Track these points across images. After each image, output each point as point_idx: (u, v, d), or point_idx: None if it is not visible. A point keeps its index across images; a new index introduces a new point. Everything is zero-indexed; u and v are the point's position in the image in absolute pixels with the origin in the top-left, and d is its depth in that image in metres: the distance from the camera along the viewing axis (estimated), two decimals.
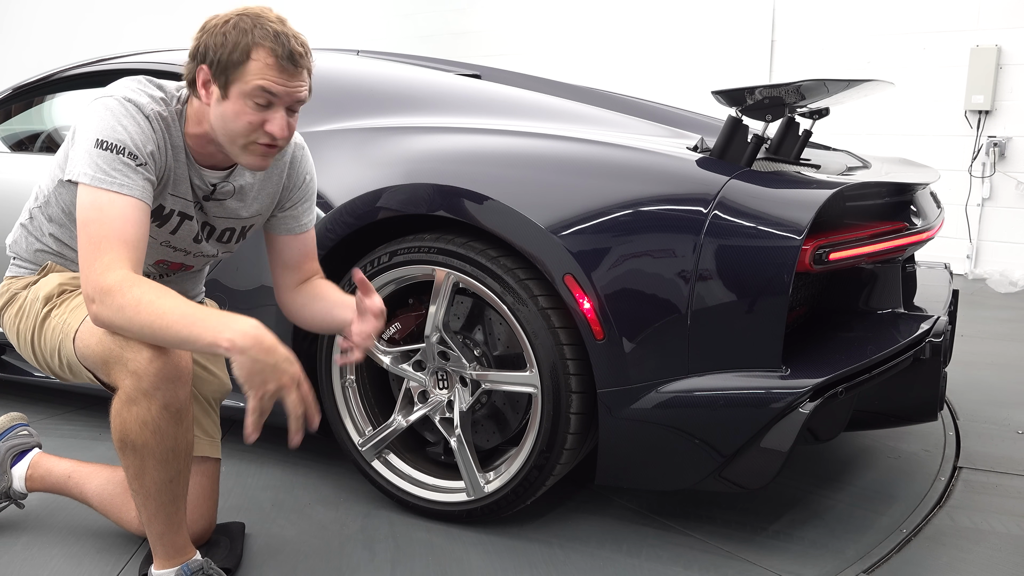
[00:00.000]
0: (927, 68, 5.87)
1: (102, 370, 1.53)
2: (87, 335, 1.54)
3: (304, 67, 1.53)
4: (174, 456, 1.54)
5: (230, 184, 1.70)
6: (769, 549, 1.95)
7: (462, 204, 1.89)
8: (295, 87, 1.52)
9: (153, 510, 1.58)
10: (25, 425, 2.06)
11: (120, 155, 1.49)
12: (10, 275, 1.81)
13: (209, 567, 1.67)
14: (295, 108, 1.56)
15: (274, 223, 1.81)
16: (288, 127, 1.55)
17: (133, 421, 1.48)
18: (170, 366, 1.47)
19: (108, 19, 8.38)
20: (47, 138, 3.47)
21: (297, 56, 1.50)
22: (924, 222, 2.18)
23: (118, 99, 1.53)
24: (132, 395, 1.47)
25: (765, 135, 1.95)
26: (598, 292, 1.77)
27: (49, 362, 1.68)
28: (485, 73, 3.14)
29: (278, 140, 1.54)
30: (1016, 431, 2.71)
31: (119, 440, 1.51)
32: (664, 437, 1.80)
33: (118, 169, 1.48)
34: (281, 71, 1.49)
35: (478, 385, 1.99)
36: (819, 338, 2.02)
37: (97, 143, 1.49)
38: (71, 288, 1.69)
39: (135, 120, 1.52)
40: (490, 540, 1.98)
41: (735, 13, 6.62)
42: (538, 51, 7.61)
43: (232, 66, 1.49)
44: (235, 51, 1.48)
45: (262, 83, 1.48)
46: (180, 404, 1.51)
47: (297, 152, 1.80)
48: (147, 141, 1.53)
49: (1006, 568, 1.88)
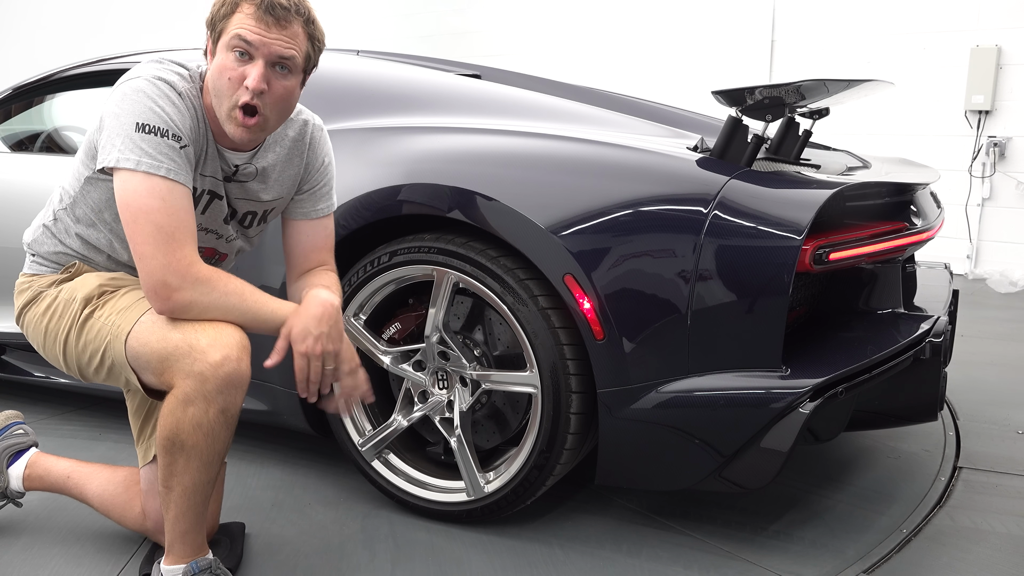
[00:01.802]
0: (927, 68, 5.87)
1: (156, 371, 1.52)
2: (146, 334, 1.53)
3: (288, 21, 1.49)
4: (217, 459, 1.55)
5: (252, 166, 1.67)
6: (769, 549, 1.95)
7: (462, 204, 1.89)
8: (274, 39, 1.48)
9: (184, 508, 1.57)
10: (21, 423, 2.05)
11: (164, 138, 1.47)
12: (30, 272, 1.76)
13: (217, 566, 1.66)
14: (283, 68, 1.52)
15: (290, 207, 1.79)
16: (264, 81, 1.49)
17: (188, 422, 1.48)
18: (237, 373, 1.48)
19: (125, 21, 8.39)
20: (47, 138, 3.48)
21: (279, 7, 1.47)
22: (924, 222, 2.18)
23: (148, 79, 1.51)
24: (191, 396, 1.47)
25: (765, 135, 1.95)
26: (598, 292, 1.77)
27: (83, 365, 1.65)
28: (485, 73, 3.14)
29: (252, 92, 1.49)
30: (1016, 431, 2.71)
31: (167, 439, 1.50)
32: (664, 437, 1.80)
33: (164, 153, 1.47)
34: (258, 20, 1.47)
35: (478, 385, 1.99)
36: (819, 338, 2.02)
37: (138, 127, 1.46)
38: (111, 288, 1.65)
39: (170, 100, 1.50)
40: (490, 540, 1.98)
41: (735, 13, 6.62)
42: (538, 51, 7.60)
43: (220, 19, 1.50)
44: (224, 5, 1.50)
45: (239, 30, 1.47)
46: (236, 410, 1.52)
47: (316, 133, 1.76)
48: (185, 120, 1.52)
49: (1006, 568, 1.88)
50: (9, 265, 1.93)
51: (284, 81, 1.53)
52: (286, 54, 1.51)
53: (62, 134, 3.52)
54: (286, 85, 1.54)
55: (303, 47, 1.53)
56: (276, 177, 1.72)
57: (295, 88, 1.57)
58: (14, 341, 2.70)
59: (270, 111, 1.54)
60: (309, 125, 1.75)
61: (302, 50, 1.53)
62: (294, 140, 1.73)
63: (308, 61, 1.57)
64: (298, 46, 1.52)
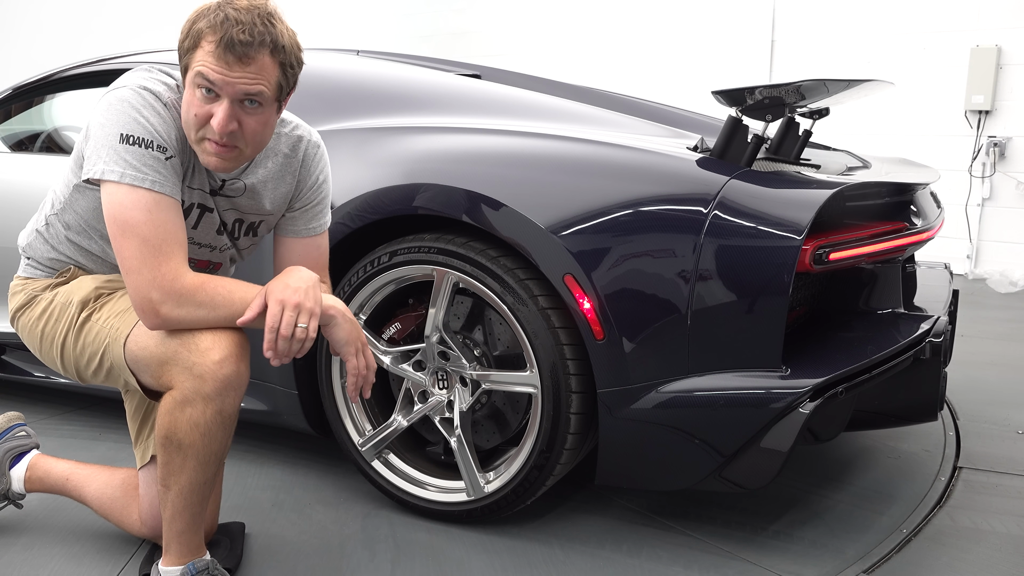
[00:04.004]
0: (927, 68, 5.87)
1: (155, 372, 1.52)
2: (144, 336, 1.52)
3: (250, 58, 1.41)
4: (215, 459, 1.55)
5: (240, 182, 1.64)
6: (769, 549, 1.95)
7: (463, 204, 1.89)
8: (236, 77, 1.41)
9: (180, 508, 1.58)
10: (23, 425, 2.06)
11: (149, 149, 1.45)
12: (24, 275, 1.75)
13: (215, 567, 1.66)
14: (253, 103, 1.45)
15: (281, 223, 1.75)
16: (232, 122, 1.44)
17: (185, 422, 1.49)
18: (235, 374, 1.48)
19: (120, 20, 8.38)
20: (47, 138, 3.48)
21: (238, 44, 1.39)
22: (924, 222, 2.18)
23: (133, 89, 1.48)
24: (189, 396, 1.47)
25: (765, 135, 1.95)
26: (598, 292, 1.77)
27: (81, 367, 1.64)
28: (485, 73, 3.14)
29: (220, 135, 1.44)
30: (1016, 431, 2.71)
31: (164, 438, 1.51)
32: (664, 437, 1.80)
33: (149, 164, 1.45)
34: (218, 59, 1.40)
35: (478, 385, 1.99)
36: (819, 338, 2.02)
37: (122, 138, 1.44)
38: (107, 291, 1.65)
39: (155, 110, 1.48)
40: (490, 540, 1.98)
41: (735, 13, 6.62)
42: (538, 51, 7.60)
43: (184, 53, 1.45)
44: (188, 38, 1.44)
45: (201, 68, 1.41)
46: (233, 411, 1.52)
47: (311, 150, 1.71)
48: (170, 131, 1.49)
49: (1006, 568, 1.88)
50: (9, 265, 1.93)
51: (255, 116, 1.47)
52: (253, 90, 1.44)
53: (62, 134, 3.51)
54: (258, 119, 1.48)
55: (273, 78, 1.45)
56: (266, 194, 1.68)
57: (269, 117, 1.51)
58: (14, 341, 2.70)
59: (244, 144, 1.50)
60: (303, 142, 1.70)
61: (272, 81, 1.46)
62: (286, 156, 1.68)
63: (281, 90, 1.50)
64: (266, 78, 1.44)
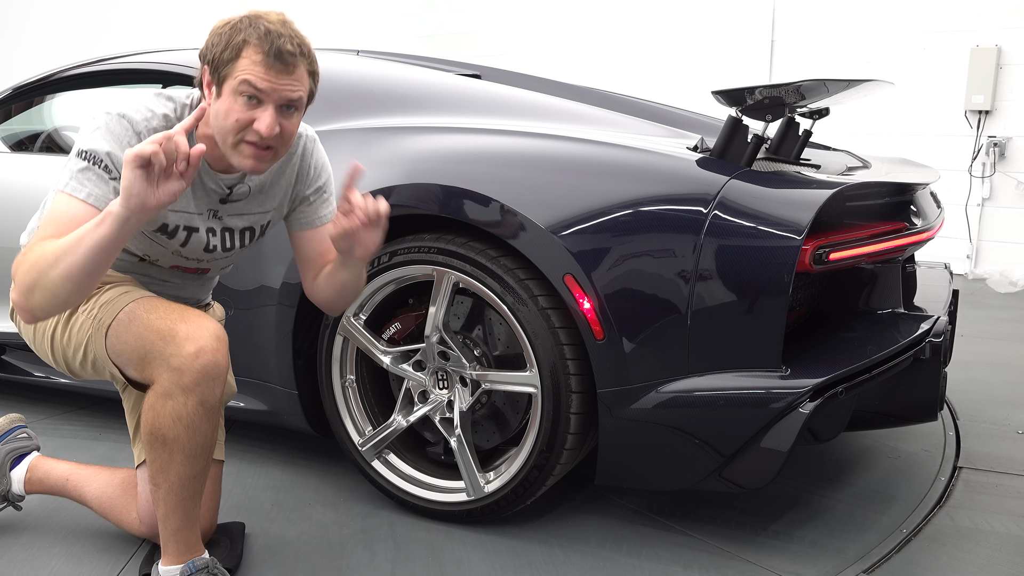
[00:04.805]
0: (927, 68, 5.87)
1: (136, 366, 1.54)
2: (123, 330, 1.56)
3: (294, 66, 1.52)
4: (202, 452, 1.57)
5: (245, 185, 1.70)
6: (769, 549, 1.95)
7: (463, 204, 1.89)
8: (283, 85, 1.51)
9: (173, 505, 1.59)
10: (24, 427, 2.06)
11: (96, 166, 1.51)
12: None
13: (215, 566, 1.67)
14: (290, 108, 1.55)
15: (292, 219, 1.81)
16: (276, 126, 1.52)
17: (167, 415, 1.51)
18: (212, 364, 1.50)
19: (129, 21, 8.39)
20: (47, 138, 3.48)
21: (286, 54, 1.50)
22: (924, 222, 2.18)
23: (114, 114, 1.56)
24: (169, 390, 1.50)
25: (765, 135, 1.95)
26: (598, 292, 1.77)
27: (68, 358, 1.68)
28: (485, 73, 3.14)
29: (265, 139, 1.53)
30: (1016, 431, 2.71)
31: (150, 433, 1.53)
32: (664, 437, 1.80)
33: (90, 179, 1.51)
34: (267, 68, 1.49)
35: (478, 385, 1.99)
36: (819, 338, 2.02)
37: (79, 153, 1.53)
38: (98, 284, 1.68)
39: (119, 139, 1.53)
40: (490, 540, 1.98)
41: (735, 13, 6.62)
42: (538, 51, 7.60)
43: (224, 63, 1.51)
44: (227, 49, 1.50)
45: (247, 77, 1.49)
46: (215, 401, 1.54)
47: (308, 144, 1.79)
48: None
49: (1006, 568, 1.88)
50: (9, 265, 1.93)
51: (291, 120, 1.57)
52: (295, 97, 1.54)
53: (62, 134, 3.52)
54: (293, 123, 1.58)
55: (307, 85, 1.57)
56: (270, 191, 1.75)
57: (300, 121, 1.62)
58: (14, 341, 2.70)
59: (281, 145, 1.59)
60: (301, 137, 1.78)
61: (307, 88, 1.58)
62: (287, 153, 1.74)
63: (311, 96, 1.61)
64: (304, 85, 1.56)
